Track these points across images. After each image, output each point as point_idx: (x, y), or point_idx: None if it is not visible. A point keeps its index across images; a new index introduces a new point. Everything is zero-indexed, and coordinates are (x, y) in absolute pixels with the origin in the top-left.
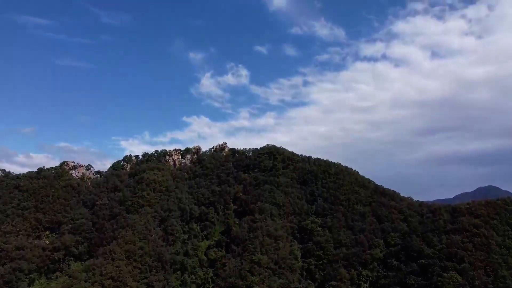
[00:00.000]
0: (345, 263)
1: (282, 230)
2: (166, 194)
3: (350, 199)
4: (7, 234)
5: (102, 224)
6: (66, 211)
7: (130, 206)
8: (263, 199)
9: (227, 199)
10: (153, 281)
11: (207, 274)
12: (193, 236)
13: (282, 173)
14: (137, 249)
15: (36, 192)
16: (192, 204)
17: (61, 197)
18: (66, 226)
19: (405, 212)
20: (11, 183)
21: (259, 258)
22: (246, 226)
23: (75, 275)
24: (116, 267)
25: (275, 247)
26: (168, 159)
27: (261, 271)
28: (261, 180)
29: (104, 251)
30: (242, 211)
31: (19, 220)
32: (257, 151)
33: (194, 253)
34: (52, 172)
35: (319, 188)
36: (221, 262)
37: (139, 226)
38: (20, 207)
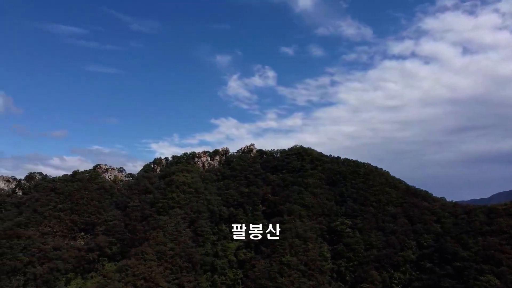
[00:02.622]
0: (376, 265)
1: (311, 231)
2: (196, 195)
3: (381, 200)
4: (44, 235)
5: (134, 226)
6: (100, 213)
7: (160, 208)
8: (291, 200)
9: (256, 200)
10: (184, 281)
11: (237, 275)
12: (222, 237)
13: (311, 174)
14: (168, 250)
15: (72, 195)
16: (221, 206)
17: (95, 199)
18: (100, 227)
19: (438, 213)
20: (48, 186)
21: (288, 259)
22: (275, 227)
23: (109, 275)
24: (148, 268)
25: (305, 249)
26: (197, 161)
27: (290, 273)
28: (290, 181)
29: (136, 252)
30: (271, 212)
31: (56, 221)
32: (285, 152)
33: (223, 254)
34: (86, 175)
35: (349, 189)
36: (251, 263)
37: (169, 227)
38: (57, 209)
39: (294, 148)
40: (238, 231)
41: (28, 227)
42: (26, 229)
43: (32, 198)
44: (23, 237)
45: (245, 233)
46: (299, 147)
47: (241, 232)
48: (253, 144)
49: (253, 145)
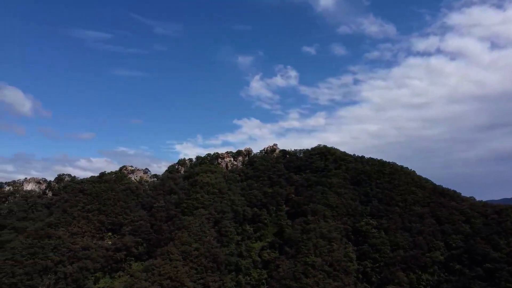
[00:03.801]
0: (403, 266)
1: (335, 231)
2: (219, 196)
3: (407, 199)
4: (74, 235)
5: (160, 226)
6: (126, 213)
7: (185, 208)
8: (315, 200)
9: (279, 200)
10: (209, 281)
11: (261, 275)
12: (247, 238)
13: (334, 173)
14: (193, 250)
15: (99, 196)
16: (244, 206)
17: (121, 200)
18: (127, 227)
19: (467, 213)
20: (76, 187)
21: (313, 260)
22: (299, 227)
23: (136, 274)
24: (173, 268)
25: (329, 249)
26: (220, 161)
27: (315, 273)
28: (313, 181)
29: (162, 252)
30: (295, 212)
31: (84, 222)
32: (308, 152)
33: (248, 254)
34: (113, 176)
35: (374, 188)
36: (275, 263)
37: (194, 227)
38: (85, 209)
39: (317, 147)
40: None
41: (58, 227)
42: (57, 229)
43: (62, 199)
44: (54, 237)
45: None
46: (322, 146)
47: None
48: (276, 144)
49: (276, 145)
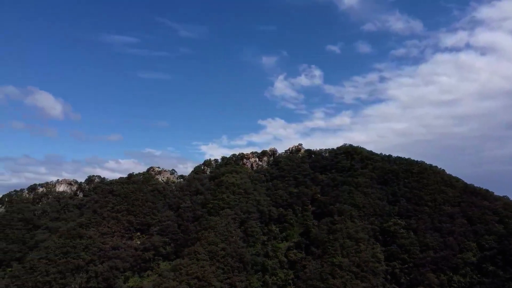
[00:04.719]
0: (434, 267)
1: (363, 232)
2: (245, 196)
3: (437, 199)
4: (104, 235)
5: (187, 226)
6: (154, 214)
7: (211, 209)
8: (341, 200)
9: (305, 200)
10: (235, 281)
11: (288, 275)
12: (273, 238)
13: (361, 173)
14: (219, 250)
15: (127, 196)
16: (270, 206)
17: (149, 200)
18: (155, 227)
19: (500, 212)
20: (106, 188)
21: (340, 260)
22: (325, 227)
23: (164, 274)
24: (200, 267)
25: (356, 250)
26: (245, 162)
27: (342, 274)
28: (339, 181)
29: (189, 252)
30: (321, 212)
31: (114, 222)
32: (334, 151)
33: (274, 254)
34: (140, 177)
35: (401, 188)
36: (301, 264)
37: (220, 227)
38: (114, 210)
39: (343, 147)
40: None
41: (89, 227)
42: (87, 229)
43: (92, 200)
44: (85, 237)
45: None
46: (348, 146)
47: None
48: (301, 144)
49: (301, 145)
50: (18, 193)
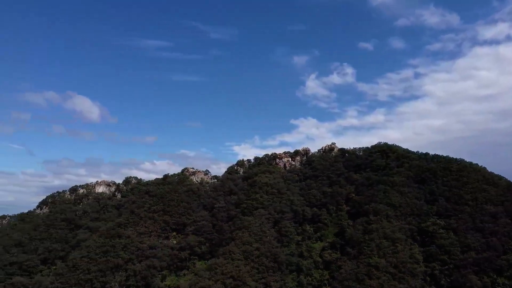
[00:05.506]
0: (476, 269)
1: (400, 232)
2: (278, 196)
3: (478, 198)
4: (141, 234)
5: (221, 226)
6: (189, 214)
7: (245, 209)
8: (377, 199)
9: (339, 200)
10: (270, 281)
11: (323, 276)
12: (307, 238)
13: (397, 172)
14: (253, 250)
15: (163, 197)
16: (304, 206)
17: (184, 200)
18: (190, 227)
19: None
20: (142, 189)
21: (376, 261)
22: (361, 227)
23: (200, 273)
24: (235, 267)
25: (393, 250)
26: (278, 161)
27: (379, 275)
28: (374, 180)
29: (224, 251)
30: (356, 212)
31: (151, 222)
32: (368, 150)
33: (308, 254)
34: (175, 178)
35: (440, 187)
36: (337, 264)
37: (254, 227)
38: (151, 210)
39: (377, 145)
40: None
41: (127, 227)
42: (126, 229)
43: (129, 200)
44: (123, 236)
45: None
46: (382, 144)
47: None
48: (334, 143)
49: (334, 144)
50: (60, 194)
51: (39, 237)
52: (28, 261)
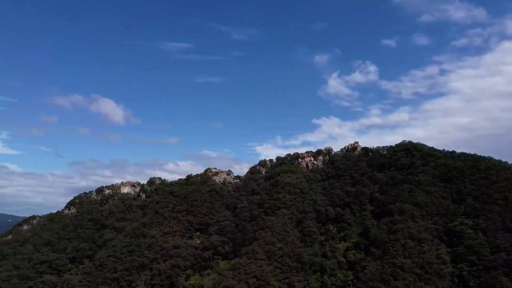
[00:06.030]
0: (506, 270)
1: (425, 232)
2: (301, 196)
3: (508, 197)
4: (165, 234)
5: (244, 226)
6: (212, 214)
7: (267, 209)
8: (402, 199)
9: (363, 199)
10: (294, 281)
11: (347, 276)
12: (330, 238)
13: (422, 170)
14: (276, 250)
15: (187, 197)
16: (327, 206)
17: (207, 200)
18: (213, 227)
19: None
20: (166, 190)
21: (402, 261)
22: (385, 227)
23: (223, 273)
24: (259, 267)
25: (419, 251)
26: (300, 161)
27: (405, 276)
28: (399, 179)
29: (247, 251)
30: (380, 212)
31: (175, 222)
32: (392, 149)
33: (332, 254)
34: (198, 179)
35: (467, 186)
36: (361, 264)
37: (277, 227)
38: (175, 210)
39: (401, 144)
40: None
41: (152, 227)
42: (150, 229)
43: (154, 201)
44: (148, 236)
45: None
46: (407, 142)
47: None
48: (357, 142)
49: (357, 143)
50: (87, 195)
51: (67, 237)
52: (57, 260)
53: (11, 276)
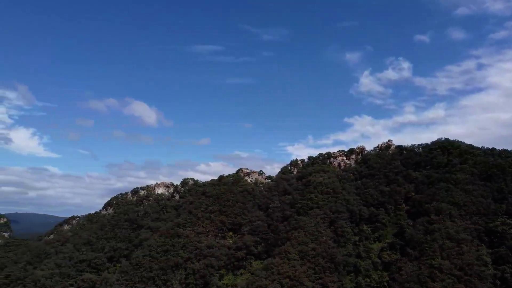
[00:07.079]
0: None
1: (464, 232)
2: (334, 195)
3: None
4: (199, 234)
5: (276, 226)
6: (244, 214)
7: (300, 209)
8: (439, 198)
9: (398, 199)
10: (327, 282)
11: (382, 277)
12: (364, 238)
13: (460, 168)
14: (309, 250)
15: (219, 197)
16: (360, 205)
17: (239, 201)
18: (245, 227)
19: None
20: (199, 190)
21: (439, 262)
22: (422, 228)
23: (256, 272)
24: (292, 267)
25: (458, 251)
26: (332, 161)
27: (443, 278)
28: (435, 178)
29: (280, 251)
30: (416, 212)
31: (208, 222)
32: (428, 147)
33: (366, 255)
34: (230, 179)
35: (509, 184)
36: (397, 265)
37: (310, 227)
38: (207, 210)
39: (438, 141)
40: None
41: (186, 227)
42: (184, 229)
43: (187, 201)
44: (182, 236)
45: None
46: (443, 140)
47: None
48: (390, 140)
49: (390, 141)
50: (123, 196)
51: (105, 236)
52: (96, 259)
53: (54, 274)
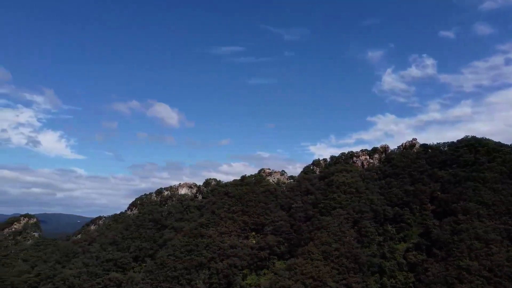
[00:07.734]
0: None
1: (494, 232)
2: (357, 195)
3: None
4: (222, 234)
5: (299, 226)
6: (267, 214)
7: (322, 208)
8: (466, 198)
9: (423, 198)
10: (351, 282)
11: (408, 278)
12: (389, 238)
13: (488, 167)
14: (333, 250)
15: (242, 198)
16: (384, 205)
17: (262, 201)
18: (268, 227)
19: None
20: (221, 190)
21: (467, 264)
22: (449, 228)
23: (279, 273)
24: (315, 267)
25: (487, 252)
26: (355, 160)
27: (471, 279)
28: (462, 177)
29: (303, 252)
30: (442, 211)
31: (230, 222)
32: (454, 145)
33: (391, 255)
34: (253, 179)
35: None
36: (423, 266)
37: (333, 227)
38: (230, 210)
39: (464, 139)
40: None
41: (209, 227)
42: (207, 229)
43: (210, 201)
44: (206, 236)
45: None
46: (470, 138)
47: None
48: (415, 139)
49: (415, 139)
50: (147, 196)
51: (130, 236)
52: (122, 258)
53: (81, 273)
